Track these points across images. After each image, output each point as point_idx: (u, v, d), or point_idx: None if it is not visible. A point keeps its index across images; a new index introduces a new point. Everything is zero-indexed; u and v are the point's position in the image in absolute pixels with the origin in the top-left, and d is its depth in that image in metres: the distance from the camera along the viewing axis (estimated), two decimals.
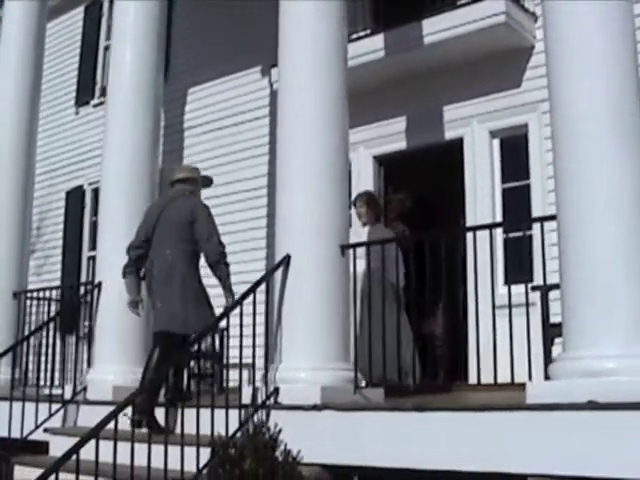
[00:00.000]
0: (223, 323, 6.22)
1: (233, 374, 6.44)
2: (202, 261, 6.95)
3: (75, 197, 13.88)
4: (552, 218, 5.30)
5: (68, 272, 13.60)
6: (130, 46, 8.53)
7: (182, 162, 12.17)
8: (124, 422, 5.23)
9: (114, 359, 7.83)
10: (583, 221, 4.89)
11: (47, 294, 9.76)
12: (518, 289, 5.94)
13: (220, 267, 6.75)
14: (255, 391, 6.01)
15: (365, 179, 10.07)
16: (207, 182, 7.79)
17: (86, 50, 14.46)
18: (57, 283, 13.20)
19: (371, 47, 9.39)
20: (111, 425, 4.92)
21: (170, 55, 12.56)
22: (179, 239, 6.88)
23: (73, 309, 9.75)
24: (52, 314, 8.80)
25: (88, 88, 14.16)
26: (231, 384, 6.18)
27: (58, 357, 8.41)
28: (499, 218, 8.96)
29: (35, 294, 9.83)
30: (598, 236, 4.84)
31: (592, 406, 4.52)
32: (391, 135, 9.92)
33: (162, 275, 6.84)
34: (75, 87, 14.54)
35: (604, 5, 5.17)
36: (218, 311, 6.56)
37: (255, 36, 10.79)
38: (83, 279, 12.96)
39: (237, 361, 6.10)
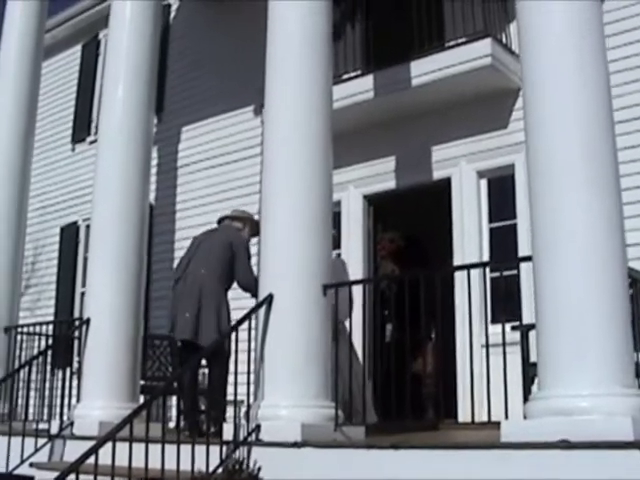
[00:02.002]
0: None
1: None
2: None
3: (69, 233, 13.97)
4: (528, 259, 5.37)
5: (62, 308, 13.66)
6: (122, 83, 8.59)
7: (175, 199, 12.31)
8: (105, 457, 5.26)
9: (101, 395, 7.84)
10: (557, 263, 4.97)
11: (37, 329, 9.79)
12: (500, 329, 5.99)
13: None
14: (237, 428, 6.04)
15: (355, 218, 10.17)
16: (258, 230, 8.08)
17: (83, 88, 14.63)
18: (51, 318, 13.28)
19: (361, 87, 9.54)
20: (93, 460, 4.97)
21: (165, 94, 12.76)
22: (215, 261, 7.51)
23: (64, 345, 9.78)
24: (42, 349, 8.82)
25: (84, 125, 14.31)
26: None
27: (47, 392, 8.42)
28: (486, 257, 9.03)
29: (26, 329, 9.87)
30: (571, 278, 4.91)
31: (564, 445, 4.56)
32: (381, 175, 10.03)
33: (192, 288, 7.41)
34: (71, 124, 14.69)
35: (579, 53, 5.29)
36: None
37: (248, 75, 10.92)
38: (76, 315, 12.98)
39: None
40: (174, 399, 10.24)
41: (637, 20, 8.45)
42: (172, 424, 9.28)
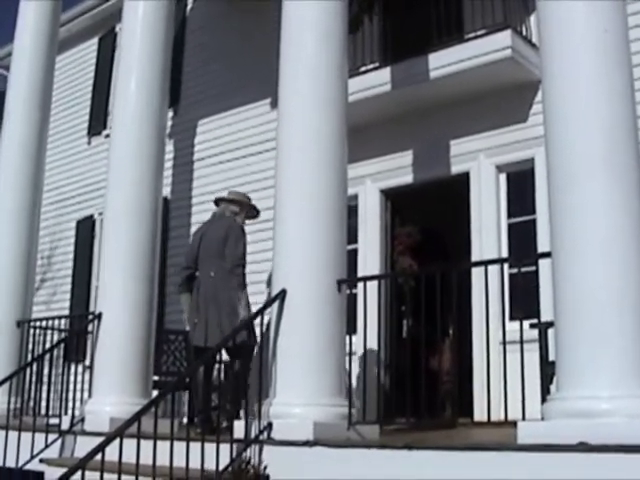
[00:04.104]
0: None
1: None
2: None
3: (85, 227, 13.90)
4: (547, 255, 5.23)
5: (77, 302, 13.60)
6: (135, 75, 8.51)
7: (191, 193, 12.21)
8: (115, 454, 5.16)
9: (112, 390, 7.77)
10: (577, 260, 4.82)
11: (50, 323, 9.71)
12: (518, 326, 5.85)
13: (233, 275, 7.44)
14: (248, 426, 5.93)
15: (372, 213, 10.05)
16: (254, 213, 8.44)
17: (99, 81, 14.56)
18: (67, 312, 13.23)
19: (378, 80, 9.41)
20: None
21: (181, 87, 12.68)
22: (219, 258, 7.57)
23: (77, 339, 9.70)
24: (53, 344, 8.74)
25: (100, 118, 14.24)
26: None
27: (59, 387, 8.35)
28: (505, 253, 8.89)
29: (38, 323, 9.79)
30: (592, 275, 4.76)
31: (583, 448, 4.41)
32: (398, 169, 9.89)
33: (207, 294, 7.45)
34: (88, 117, 14.62)
35: (601, 45, 5.14)
36: None
37: (265, 68, 10.78)
38: (92, 309, 12.92)
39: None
40: (187, 395, 10.18)
41: None
42: (186, 420, 9.18)
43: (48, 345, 8.72)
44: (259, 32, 11.35)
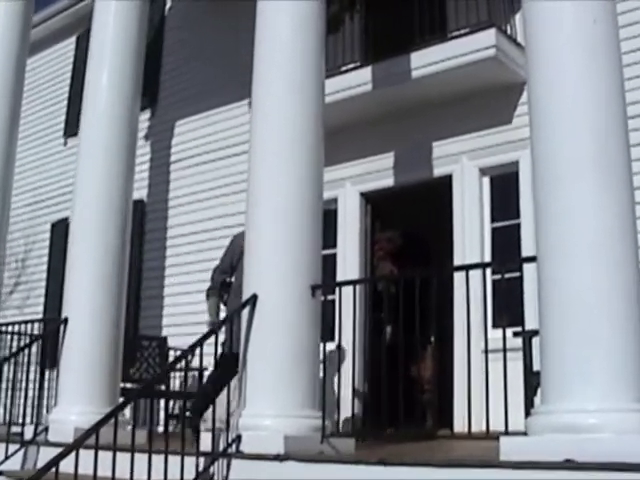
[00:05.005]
0: (205, 363, 5.96)
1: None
2: None
3: (60, 229, 13.55)
4: (532, 260, 4.96)
5: (51, 306, 13.26)
6: (107, 73, 8.28)
7: (167, 195, 11.92)
8: (68, 465, 4.86)
9: (78, 399, 7.47)
10: (563, 264, 4.55)
11: (16, 328, 9.38)
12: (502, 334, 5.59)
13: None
14: (216, 438, 5.63)
15: (352, 216, 9.79)
16: None
17: (76, 80, 14.20)
18: (41, 317, 12.91)
19: (358, 80, 9.17)
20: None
21: (159, 87, 12.42)
22: None
23: (44, 344, 9.36)
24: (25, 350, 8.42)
25: (77, 119, 13.87)
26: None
27: (22, 394, 8.05)
28: (488, 258, 8.66)
29: (4, 328, 9.46)
30: (579, 281, 4.50)
31: (570, 466, 4.13)
32: (379, 171, 9.65)
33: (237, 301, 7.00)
34: (64, 118, 14.32)
35: (590, 40, 4.88)
36: None
37: (244, 68, 10.44)
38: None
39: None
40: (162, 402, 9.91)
41: None
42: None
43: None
44: (239, 31, 11.05)
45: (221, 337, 6.30)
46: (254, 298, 5.85)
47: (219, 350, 6.27)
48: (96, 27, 8.68)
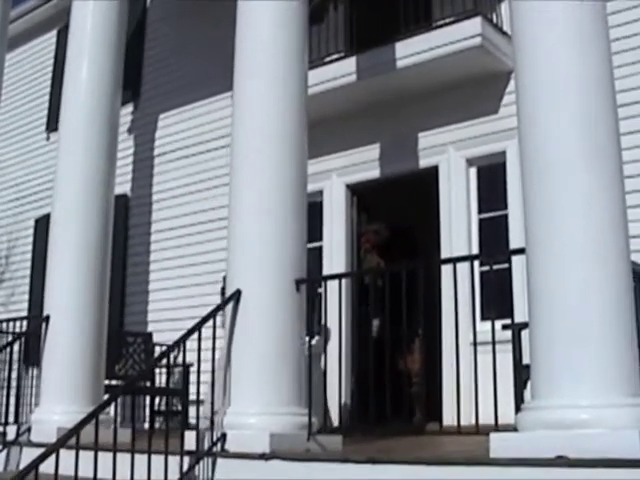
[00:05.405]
0: (188, 359, 5.89)
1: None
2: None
3: (43, 225, 13.34)
4: (521, 252, 4.84)
5: (35, 303, 13.10)
6: (86, 65, 8.17)
7: (151, 190, 11.78)
8: (50, 466, 4.74)
9: (61, 398, 7.37)
10: (554, 259, 4.43)
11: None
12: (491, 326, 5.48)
13: None
14: (200, 437, 5.51)
15: (337, 208, 9.70)
16: None
17: (58, 74, 13.99)
18: (25, 314, 12.76)
19: (343, 70, 9.07)
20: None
21: (142, 80, 12.28)
22: None
23: (27, 342, 9.24)
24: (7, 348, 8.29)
25: (59, 113, 13.73)
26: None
27: (2, 392, 7.94)
28: (475, 250, 8.57)
29: None
30: (569, 273, 4.37)
31: (562, 462, 4.02)
32: (365, 162, 9.56)
33: None
34: (46, 112, 14.13)
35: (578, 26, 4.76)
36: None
37: (228, 60, 10.37)
38: None
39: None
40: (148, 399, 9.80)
41: None
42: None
43: None
44: (222, 23, 10.88)
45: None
46: (238, 293, 5.72)
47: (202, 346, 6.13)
48: (74, 21, 8.59)
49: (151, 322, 11.13)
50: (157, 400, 9.72)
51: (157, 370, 9.57)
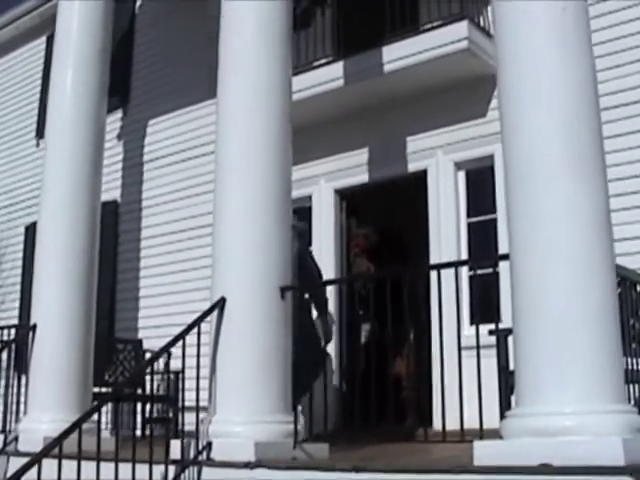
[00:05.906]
0: (179, 365, 5.77)
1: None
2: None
3: (34, 232, 13.31)
4: (507, 257, 4.81)
5: (26, 311, 13.04)
6: (71, 71, 8.13)
7: (141, 196, 11.75)
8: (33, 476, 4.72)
9: (49, 407, 7.33)
10: (537, 262, 4.40)
11: None
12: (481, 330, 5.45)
13: None
14: (186, 445, 5.48)
15: (326, 213, 9.67)
16: None
17: (47, 81, 13.93)
18: (16, 322, 12.72)
19: (331, 75, 9.05)
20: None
21: (131, 86, 12.25)
22: None
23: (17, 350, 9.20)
24: None
25: None
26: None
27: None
28: (464, 254, 8.55)
29: None
30: (553, 278, 4.34)
31: (546, 470, 3.99)
32: (353, 167, 9.54)
33: None
34: (36, 118, 14.11)
35: (560, 25, 4.74)
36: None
37: (215, 66, 10.36)
38: None
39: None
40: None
41: None
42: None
43: None
44: (210, 29, 10.88)
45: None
46: (222, 301, 5.69)
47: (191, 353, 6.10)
48: (60, 27, 8.57)
49: (142, 328, 11.09)
50: (150, 407, 9.68)
51: (148, 377, 9.54)
